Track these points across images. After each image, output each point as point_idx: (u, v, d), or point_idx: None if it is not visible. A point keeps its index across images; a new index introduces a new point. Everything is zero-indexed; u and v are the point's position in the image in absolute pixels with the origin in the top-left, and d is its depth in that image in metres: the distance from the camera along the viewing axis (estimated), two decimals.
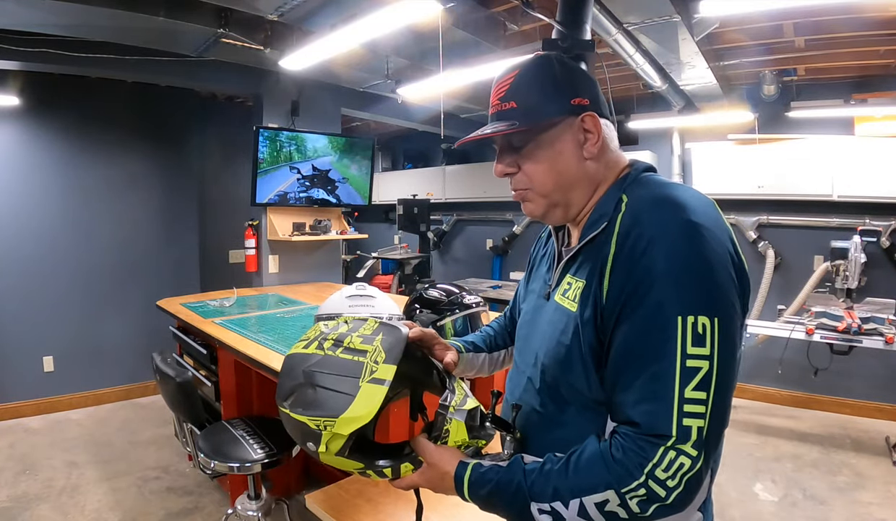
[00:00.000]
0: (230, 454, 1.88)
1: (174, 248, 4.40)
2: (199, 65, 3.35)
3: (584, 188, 0.80)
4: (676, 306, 0.64)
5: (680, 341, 0.63)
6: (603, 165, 0.80)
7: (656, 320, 0.65)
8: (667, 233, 0.67)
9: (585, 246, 0.78)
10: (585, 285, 0.75)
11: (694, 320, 0.63)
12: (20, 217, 3.71)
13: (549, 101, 0.78)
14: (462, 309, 1.82)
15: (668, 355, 0.64)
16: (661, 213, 0.69)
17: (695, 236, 0.66)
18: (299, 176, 3.82)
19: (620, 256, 0.69)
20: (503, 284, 5.13)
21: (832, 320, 3.02)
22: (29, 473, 2.98)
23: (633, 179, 0.79)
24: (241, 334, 2.37)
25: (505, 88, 0.80)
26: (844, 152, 3.70)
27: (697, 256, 0.66)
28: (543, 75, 0.79)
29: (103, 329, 4.05)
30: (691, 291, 0.65)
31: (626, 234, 0.70)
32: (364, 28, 2.32)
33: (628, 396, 0.67)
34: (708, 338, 0.63)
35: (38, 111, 3.74)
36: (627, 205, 0.74)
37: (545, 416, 0.82)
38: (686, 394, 0.63)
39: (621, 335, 0.68)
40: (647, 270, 0.66)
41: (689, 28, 2.52)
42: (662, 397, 0.63)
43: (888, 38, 3.06)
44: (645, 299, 0.66)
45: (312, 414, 0.73)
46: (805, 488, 2.86)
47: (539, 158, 0.79)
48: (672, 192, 0.72)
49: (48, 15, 2.47)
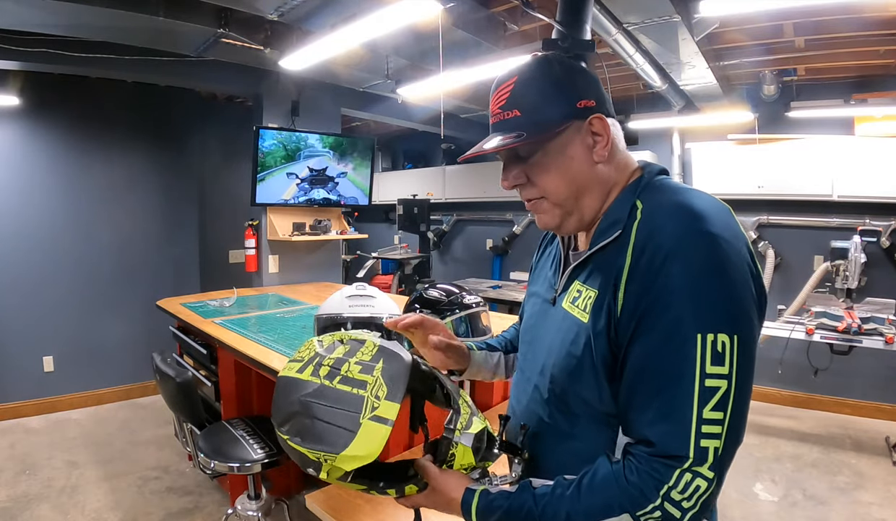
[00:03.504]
0: (230, 454, 1.88)
1: (174, 248, 4.40)
2: (199, 65, 3.35)
3: (596, 193, 0.77)
4: (695, 324, 0.62)
5: (699, 359, 0.61)
6: (613, 167, 0.77)
7: (674, 337, 0.63)
8: (685, 246, 0.64)
9: (596, 253, 0.75)
10: (598, 295, 0.71)
11: (713, 337, 0.62)
12: (20, 217, 3.71)
13: (553, 106, 0.74)
14: (462, 309, 1.82)
15: (686, 375, 0.62)
16: (679, 223, 0.66)
17: (713, 249, 0.64)
18: (298, 180, 3.83)
19: (637, 269, 0.67)
20: (503, 284, 5.13)
21: (832, 320, 3.02)
22: (29, 473, 2.98)
23: (647, 183, 0.75)
24: (241, 334, 2.37)
25: (505, 95, 0.76)
26: (844, 152, 3.69)
27: (716, 270, 0.63)
28: (545, 79, 0.75)
29: (103, 329, 4.05)
30: (711, 307, 0.63)
31: (643, 246, 0.67)
32: (364, 28, 2.31)
33: (644, 415, 0.65)
34: (727, 356, 0.62)
35: (38, 111, 3.74)
36: (643, 212, 0.71)
37: (553, 427, 0.79)
38: (704, 414, 0.61)
39: (638, 352, 0.66)
40: (665, 285, 0.64)
41: (689, 28, 2.52)
42: (680, 417, 0.62)
43: (888, 38, 3.06)
44: (663, 316, 0.64)
45: (311, 447, 0.69)
46: (805, 488, 2.86)
47: (549, 168, 0.75)
48: (688, 200, 0.69)
49: (48, 15, 2.47)
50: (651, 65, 3.04)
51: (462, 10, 2.63)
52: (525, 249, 5.55)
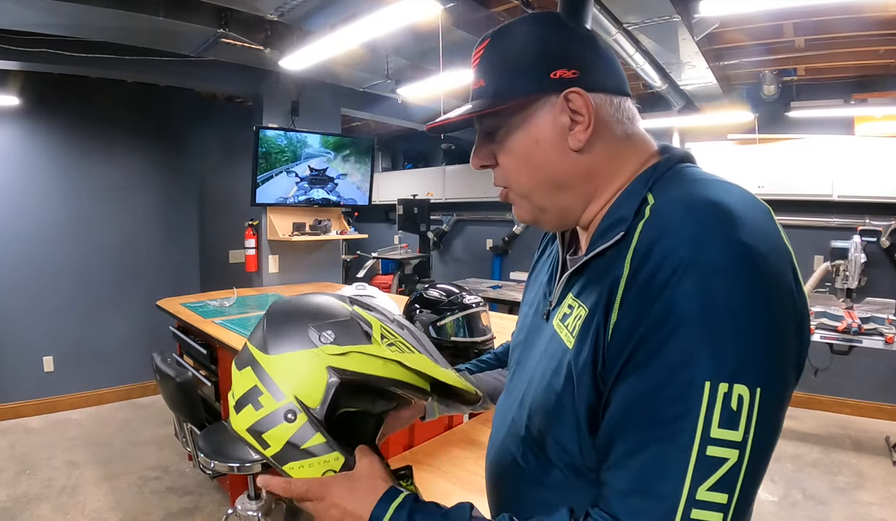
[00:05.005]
0: (230, 454, 1.88)
1: (174, 248, 4.40)
2: (199, 65, 3.35)
3: (579, 188, 0.61)
4: (706, 366, 0.45)
5: (703, 416, 0.45)
6: (606, 155, 0.60)
7: (675, 380, 0.46)
8: (704, 256, 0.47)
9: (594, 260, 0.58)
10: (587, 314, 0.55)
11: (728, 389, 0.44)
12: (20, 217, 3.71)
13: (520, 74, 0.59)
14: (462, 309, 1.82)
15: (682, 434, 0.45)
16: (699, 225, 0.49)
17: (745, 267, 0.46)
18: (298, 179, 3.83)
19: (635, 283, 0.49)
20: (503, 284, 5.13)
21: (832, 320, 3.01)
22: (29, 473, 2.98)
23: (663, 172, 0.58)
24: (241, 334, 2.37)
25: (475, 61, 0.63)
26: (844, 152, 3.70)
27: (747, 298, 0.46)
28: (521, 42, 0.60)
29: (103, 329, 4.05)
30: (731, 347, 0.45)
31: (646, 252, 0.50)
32: (364, 28, 2.32)
33: (617, 478, 0.49)
34: (743, 417, 0.45)
35: (38, 111, 3.74)
36: (653, 209, 0.54)
37: (526, 471, 0.64)
38: (698, 495, 0.44)
39: (625, 391, 0.49)
40: (671, 306, 0.46)
41: (689, 28, 2.52)
42: (662, 494, 0.45)
43: (888, 38, 3.06)
44: (664, 349, 0.46)
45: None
46: (805, 488, 2.85)
47: (511, 150, 0.61)
48: (714, 194, 0.51)
49: (48, 15, 2.47)
50: (651, 65, 3.04)
51: (462, 10, 2.63)
52: (525, 249, 5.55)
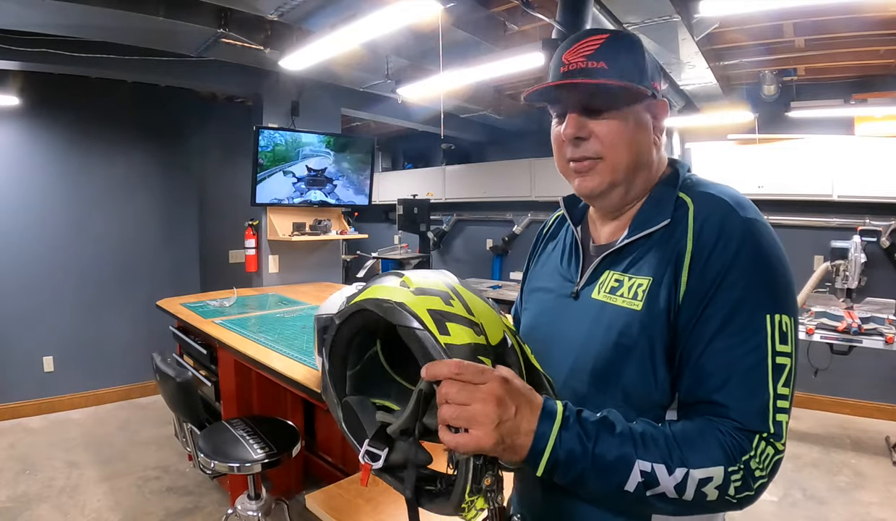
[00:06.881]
0: (230, 454, 1.88)
1: (174, 248, 4.40)
2: (199, 65, 3.35)
3: (647, 175, 0.78)
4: (765, 306, 0.66)
5: (770, 339, 0.66)
6: (660, 157, 0.81)
7: (749, 319, 0.66)
8: (750, 234, 0.69)
9: (638, 242, 0.76)
10: (653, 281, 0.72)
11: (780, 318, 0.66)
12: (19, 217, 3.71)
13: (640, 71, 0.75)
14: None
15: (761, 353, 0.66)
16: (735, 214, 0.70)
17: (771, 238, 0.70)
18: (295, 179, 3.83)
19: (701, 256, 0.69)
20: (503, 284, 5.13)
21: (832, 320, 3.01)
22: (29, 473, 2.98)
23: (686, 178, 0.79)
24: (241, 334, 2.37)
25: (594, 46, 0.74)
26: (844, 152, 3.69)
27: (776, 256, 0.69)
28: (639, 48, 0.77)
29: (103, 329, 4.05)
30: (776, 291, 0.68)
31: (706, 233, 0.70)
32: (364, 28, 2.31)
33: (723, 394, 0.67)
34: (790, 336, 0.67)
35: (38, 111, 3.74)
36: (696, 203, 0.73)
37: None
38: (778, 390, 0.65)
39: (710, 334, 0.68)
40: (740, 271, 0.67)
41: (689, 28, 2.52)
42: (760, 394, 0.65)
43: (888, 38, 3.06)
44: (739, 301, 0.67)
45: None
46: (805, 488, 2.86)
47: (619, 129, 0.74)
48: (727, 190, 0.74)
49: (48, 15, 2.47)
50: None
51: (462, 10, 2.63)
52: (525, 249, 5.48)
